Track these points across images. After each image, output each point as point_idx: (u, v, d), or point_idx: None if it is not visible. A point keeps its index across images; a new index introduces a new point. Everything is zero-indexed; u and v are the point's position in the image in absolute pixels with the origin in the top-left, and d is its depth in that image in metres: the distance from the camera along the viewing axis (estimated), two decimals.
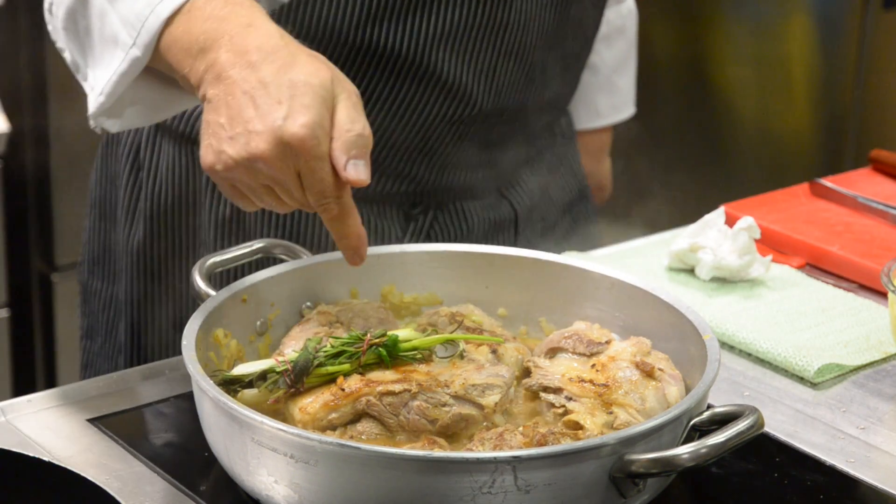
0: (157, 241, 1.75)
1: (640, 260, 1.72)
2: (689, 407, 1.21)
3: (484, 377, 1.26)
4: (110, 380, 1.44)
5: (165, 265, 1.76)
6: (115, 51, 1.42)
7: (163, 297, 1.76)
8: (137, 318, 1.78)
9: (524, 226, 1.81)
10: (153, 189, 1.74)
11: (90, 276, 1.86)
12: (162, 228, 1.74)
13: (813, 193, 1.90)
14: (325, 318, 1.36)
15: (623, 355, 1.32)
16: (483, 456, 1.12)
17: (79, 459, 1.29)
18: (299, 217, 1.69)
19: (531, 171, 1.81)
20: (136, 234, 1.76)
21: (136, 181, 1.76)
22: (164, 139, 1.72)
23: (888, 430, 1.41)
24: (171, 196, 1.73)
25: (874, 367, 1.53)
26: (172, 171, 1.72)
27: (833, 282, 1.70)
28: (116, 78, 1.42)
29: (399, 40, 1.59)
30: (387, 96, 1.62)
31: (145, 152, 1.74)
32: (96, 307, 1.85)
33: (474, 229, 1.76)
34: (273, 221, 1.69)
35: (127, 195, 1.77)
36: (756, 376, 1.50)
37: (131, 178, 1.76)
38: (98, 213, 1.85)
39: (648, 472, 1.15)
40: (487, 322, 1.39)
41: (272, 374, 1.25)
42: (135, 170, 1.76)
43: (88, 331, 1.88)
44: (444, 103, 1.64)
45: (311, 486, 1.15)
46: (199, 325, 1.29)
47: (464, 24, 1.60)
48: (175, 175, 1.72)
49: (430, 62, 1.60)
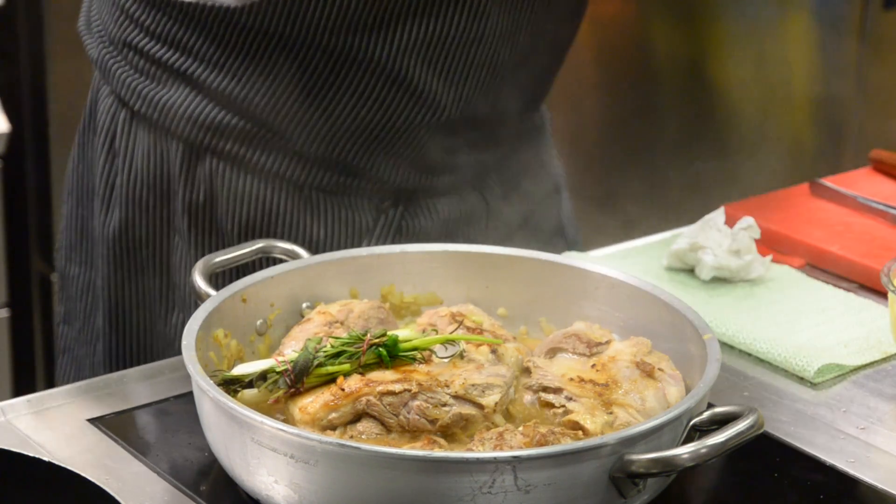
0: (133, 227, 1.76)
1: (640, 260, 1.72)
2: (689, 407, 1.21)
3: (484, 377, 1.26)
4: (110, 380, 1.44)
5: (141, 251, 1.77)
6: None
7: (139, 282, 1.77)
8: (115, 304, 1.79)
9: (496, 218, 1.81)
10: (128, 177, 1.75)
11: (67, 263, 1.88)
12: (137, 215, 1.75)
13: (813, 193, 1.90)
14: (325, 318, 1.36)
15: (623, 355, 1.32)
16: (483, 456, 1.12)
17: (79, 459, 1.29)
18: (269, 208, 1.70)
19: (504, 165, 1.82)
20: (112, 221, 1.77)
21: (112, 168, 1.77)
22: (140, 127, 1.73)
23: (888, 430, 1.41)
24: (146, 183, 1.74)
25: (874, 367, 1.53)
26: (147, 159, 1.73)
27: (833, 282, 1.70)
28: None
29: (374, 48, 1.61)
30: (357, 99, 1.64)
31: (121, 140, 1.75)
32: (73, 293, 1.87)
33: (447, 222, 1.76)
34: (244, 210, 1.70)
35: (103, 182, 1.78)
36: (756, 376, 1.50)
37: (107, 166, 1.77)
38: (75, 199, 1.86)
39: (648, 472, 1.15)
40: (487, 322, 1.39)
41: (272, 374, 1.25)
42: (110, 157, 1.77)
43: (66, 316, 1.90)
44: (413, 108, 1.65)
45: (311, 486, 1.15)
46: (199, 325, 1.29)
47: (437, 36, 1.62)
48: (150, 162, 1.73)
49: (402, 70, 1.62)
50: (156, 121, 1.71)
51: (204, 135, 1.69)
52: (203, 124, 1.68)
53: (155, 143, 1.72)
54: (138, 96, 1.71)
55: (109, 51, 1.74)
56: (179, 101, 1.68)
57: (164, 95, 1.69)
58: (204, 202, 1.71)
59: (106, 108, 1.76)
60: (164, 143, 1.72)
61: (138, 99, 1.71)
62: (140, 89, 1.71)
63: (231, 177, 1.69)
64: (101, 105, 1.77)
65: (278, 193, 1.70)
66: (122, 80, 1.73)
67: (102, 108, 1.77)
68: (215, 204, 1.70)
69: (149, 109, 1.71)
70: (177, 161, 1.70)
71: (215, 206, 1.71)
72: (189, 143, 1.70)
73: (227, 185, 1.70)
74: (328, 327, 1.35)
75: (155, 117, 1.71)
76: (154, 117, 1.71)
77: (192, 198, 1.71)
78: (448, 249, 1.48)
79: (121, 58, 1.73)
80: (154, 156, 1.73)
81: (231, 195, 1.70)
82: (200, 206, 1.71)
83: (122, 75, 1.73)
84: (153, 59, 1.70)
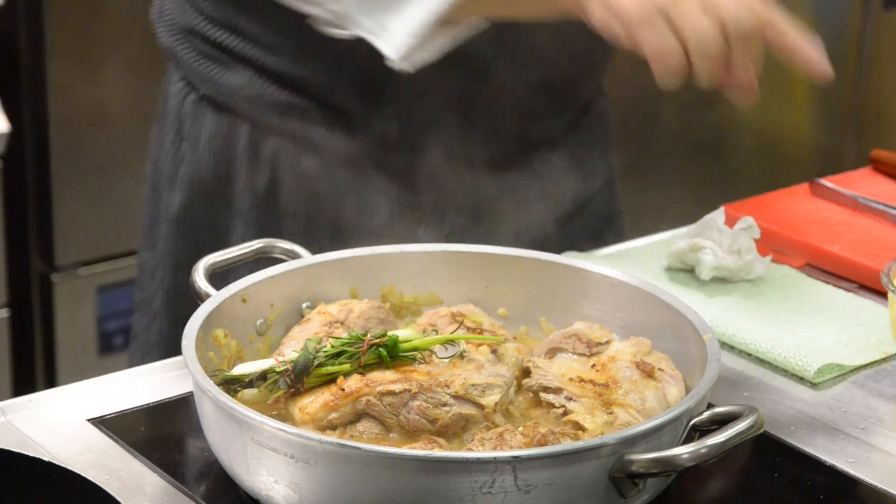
0: (194, 209, 1.80)
1: (640, 260, 1.72)
2: (689, 407, 1.21)
3: (484, 377, 1.26)
4: (110, 380, 1.44)
5: (200, 233, 1.80)
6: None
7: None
8: (173, 285, 1.82)
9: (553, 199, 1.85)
10: (193, 158, 1.79)
11: (142, 248, 1.91)
12: (199, 197, 1.79)
13: (813, 193, 1.90)
14: (325, 318, 1.37)
15: (623, 355, 1.32)
16: (483, 456, 1.12)
17: (79, 459, 1.29)
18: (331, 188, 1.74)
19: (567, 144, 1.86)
20: (175, 202, 1.81)
21: (179, 152, 1.81)
22: (206, 110, 1.78)
23: (888, 430, 1.41)
24: (209, 165, 1.78)
25: (874, 367, 1.53)
26: (212, 141, 1.77)
27: (833, 282, 1.70)
28: (431, 17, 1.51)
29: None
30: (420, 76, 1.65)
31: (188, 122, 1.80)
32: (145, 278, 1.91)
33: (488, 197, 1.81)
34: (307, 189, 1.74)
35: (170, 166, 1.82)
36: (756, 376, 1.50)
37: (174, 148, 1.82)
38: (150, 186, 1.90)
39: (648, 472, 1.15)
40: (487, 322, 1.39)
41: (272, 374, 1.25)
42: (178, 140, 1.81)
43: (140, 303, 1.93)
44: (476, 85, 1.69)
45: (311, 486, 1.15)
46: (199, 325, 1.29)
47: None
48: (214, 144, 1.77)
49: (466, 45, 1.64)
50: (221, 103, 1.76)
51: (268, 115, 1.73)
52: (267, 104, 1.73)
53: (220, 125, 1.77)
54: (205, 80, 1.76)
55: (178, 38, 1.79)
56: (244, 83, 1.73)
57: (230, 78, 1.74)
58: (267, 183, 1.74)
59: (175, 93, 1.81)
60: (229, 125, 1.76)
61: (205, 82, 1.76)
62: (206, 73, 1.76)
63: (295, 157, 1.74)
64: (172, 90, 1.82)
65: (341, 173, 1.73)
66: (189, 65, 1.78)
67: (172, 93, 1.82)
68: (278, 185, 1.74)
69: (215, 92, 1.76)
70: (241, 142, 1.74)
71: (278, 186, 1.74)
72: (254, 124, 1.74)
73: (290, 165, 1.74)
74: (328, 327, 1.35)
75: (220, 99, 1.76)
76: (220, 99, 1.76)
77: (255, 179, 1.75)
78: (448, 249, 1.48)
79: (187, 44, 1.78)
80: (219, 138, 1.77)
81: (295, 175, 1.74)
82: (264, 186, 1.75)
83: (190, 60, 1.77)
84: (217, 44, 1.74)
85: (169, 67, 1.85)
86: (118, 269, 2.99)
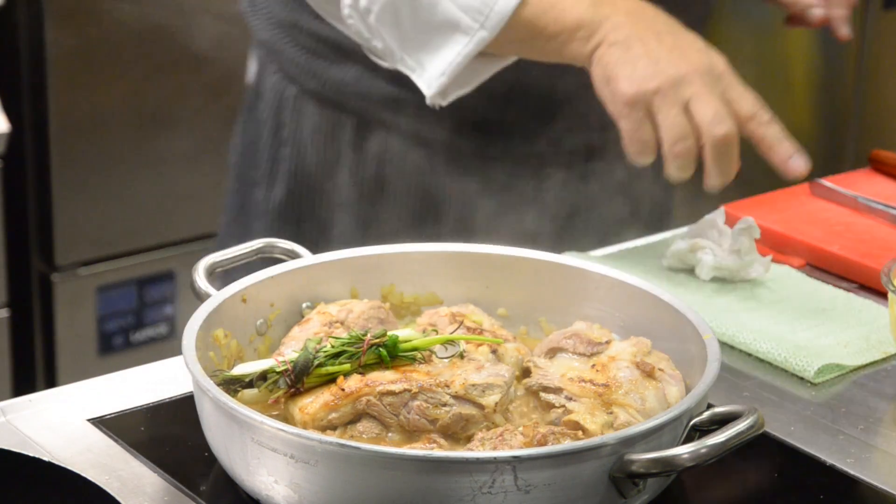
0: (297, 201, 1.82)
1: (640, 260, 1.72)
2: (689, 407, 1.21)
3: (484, 377, 1.26)
4: (110, 380, 1.44)
5: (301, 225, 1.83)
6: (454, 35, 1.54)
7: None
8: None
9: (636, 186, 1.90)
10: (295, 151, 1.81)
11: (227, 238, 1.92)
12: (302, 189, 1.81)
13: (813, 193, 1.90)
14: (325, 318, 1.37)
15: (623, 355, 1.32)
16: (483, 456, 1.12)
17: (79, 459, 1.29)
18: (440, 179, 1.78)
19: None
20: (276, 195, 1.83)
21: (277, 144, 1.83)
22: (309, 103, 1.80)
23: (888, 430, 1.41)
24: (312, 158, 1.80)
25: (874, 367, 1.53)
26: (315, 134, 1.79)
27: (833, 282, 1.70)
28: (460, 59, 1.55)
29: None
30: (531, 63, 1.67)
31: (288, 115, 1.81)
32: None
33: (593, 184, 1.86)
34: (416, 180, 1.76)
35: (268, 158, 1.84)
36: (756, 376, 1.50)
37: (272, 141, 1.83)
38: (236, 176, 1.92)
39: (648, 472, 1.15)
40: (487, 322, 1.39)
41: (272, 374, 1.25)
42: (277, 133, 1.83)
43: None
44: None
45: (311, 486, 1.15)
46: (199, 325, 1.29)
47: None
48: (318, 137, 1.79)
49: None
50: (326, 97, 1.78)
51: (377, 109, 1.75)
52: (376, 99, 1.75)
53: (325, 118, 1.78)
54: (309, 74, 1.78)
55: (277, 31, 1.81)
56: (352, 78, 1.75)
57: (337, 72, 1.76)
58: (373, 176, 1.77)
59: (272, 85, 1.83)
60: (334, 118, 1.78)
61: (307, 76, 1.78)
62: (310, 67, 1.77)
63: (402, 150, 1.76)
64: (266, 83, 1.84)
65: (449, 163, 1.76)
66: (291, 59, 1.79)
67: (268, 85, 1.83)
68: (385, 178, 1.77)
69: (320, 86, 1.78)
70: (347, 136, 1.77)
71: (385, 179, 1.77)
72: (360, 118, 1.76)
73: (398, 159, 1.76)
74: (328, 327, 1.35)
75: (326, 94, 1.78)
76: (325, 94, 1.78)
77: (361, 172, 1.77)
78: (448, 249, 1.48)
79: (290, 38, 1.79)
80: (323, 131, 1.79)
81: (402, 168, 1.76)
82: (370, 180, 1.77)
83: (291, 54, 1.79)
84: (322, 38, 1.76)
85: (259, 61, 1.86)
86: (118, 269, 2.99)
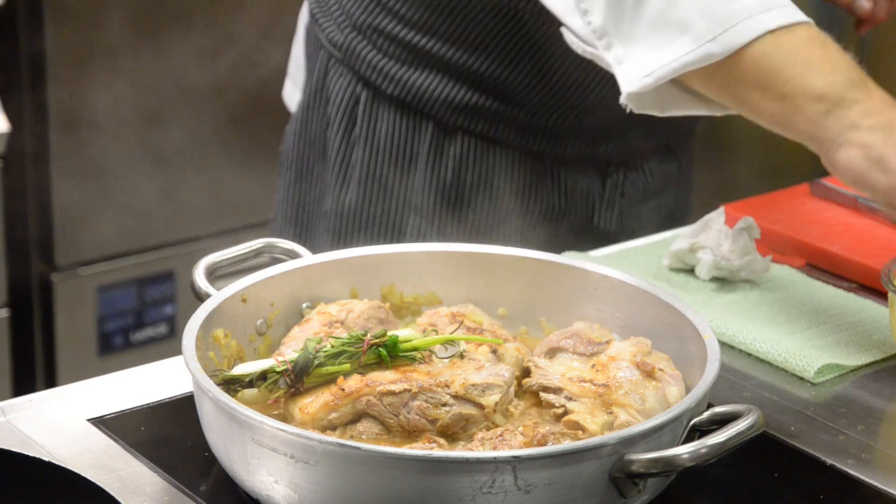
0: (369, 203, 1.82)
1: (640, 260, 1.72)
2: (689, 407, 1.21)
3: (484, 377, 1.26)
4: (110, 380, 1.44)
5: (371, 227, 1.83)
6: (679, 37, 1.44)
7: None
8: None
9: (686, 176, 1.93)
10: (369, 154, 1.81)
11: (281, 235, 1.92)
12: (375, 192, 1.82)
13: (813, 193, 1.90)
14: (325, 318, 1.36)
15: (623, 355, 1.32)
16: (483, 456, 1.12)
17: (79, 459, 1.29)
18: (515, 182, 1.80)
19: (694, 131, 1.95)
20: (348, 197, 1.83)
21: (349, 145, 1.83)
22: (384, 106, 1.80)
23: (888, 430, 1.41)
24: (387, 161, 1.80)
25: (874, 367, 1.53)
26: (391, 137, 1.80)
27: (833, 282, 1.70)
28: (677, 66, 1.45)
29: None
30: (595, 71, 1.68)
31: (361, 117, 1.81)
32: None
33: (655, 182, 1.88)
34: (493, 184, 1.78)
35: (338, 159, 1.84)
36: (756, 376, 1.50)
37: (343, 143, 1.83)
38: (294, 174, 1.92)
39: (648, 472, 1.15)
40: (487, 322, 1.39)
41: (272, 374, 1.25)
42: (348, 134, 1.83)
43: None
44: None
45: (311, 486, 1.15)
46: (199, 325, 1.29)
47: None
48: (394, 141, 1.80)
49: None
50: (405, 101, 1.78)
51: (457, 116, 1.76)
52: (457, 106, 1.76)
53: (402, 123, 1.79)
54: (386, 77, 1.78)
55: (352, 34, 1.81)
56: (432, 84, 1.75)
57: (417, 78, 1.76)
58: (452, 179, 1.78)
59: (342, 86, 1.82)
60: (412, 123, 1.78)
61: (385, 80, 1.78)
62: (388, 70, 1.78)
63: (481, 154, 1.77)
64: (335, 84, 1.83)
65: (524, 166, 1.78)
66: (367, 62, 1.79)
67: (337, 87, 1.83)
68: (463, 181, 1.78)
69: (398, 90, 1.78)
70: (426, 140, 1.77)
71: (463, 183, 1.78)
72: (440, 123, 1.77)
73: (477, 162, 1.77)
74: (328, 327, 1.35)
75: (404, 97, 1.78)
76: (404, 97, 1.78)
77: (439, 175, 1.78)
78: (448, 249, 1.48)
79: (366, 41, 1.79)
80: (399, 134, 1.79)
81: (481, 171, 1.77)
82: (449, 183, 1.78)
83: (368, 56, 1.79)
84: (403, 43, 1.76)
85: (322, 58, 1.85)
86: (118, 269, 2.99)
